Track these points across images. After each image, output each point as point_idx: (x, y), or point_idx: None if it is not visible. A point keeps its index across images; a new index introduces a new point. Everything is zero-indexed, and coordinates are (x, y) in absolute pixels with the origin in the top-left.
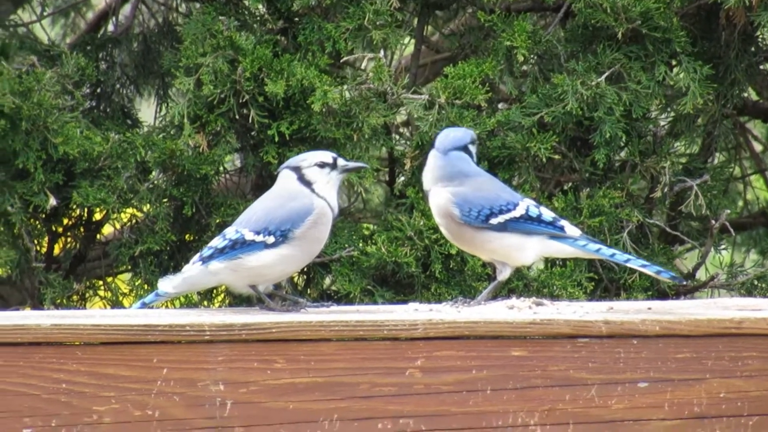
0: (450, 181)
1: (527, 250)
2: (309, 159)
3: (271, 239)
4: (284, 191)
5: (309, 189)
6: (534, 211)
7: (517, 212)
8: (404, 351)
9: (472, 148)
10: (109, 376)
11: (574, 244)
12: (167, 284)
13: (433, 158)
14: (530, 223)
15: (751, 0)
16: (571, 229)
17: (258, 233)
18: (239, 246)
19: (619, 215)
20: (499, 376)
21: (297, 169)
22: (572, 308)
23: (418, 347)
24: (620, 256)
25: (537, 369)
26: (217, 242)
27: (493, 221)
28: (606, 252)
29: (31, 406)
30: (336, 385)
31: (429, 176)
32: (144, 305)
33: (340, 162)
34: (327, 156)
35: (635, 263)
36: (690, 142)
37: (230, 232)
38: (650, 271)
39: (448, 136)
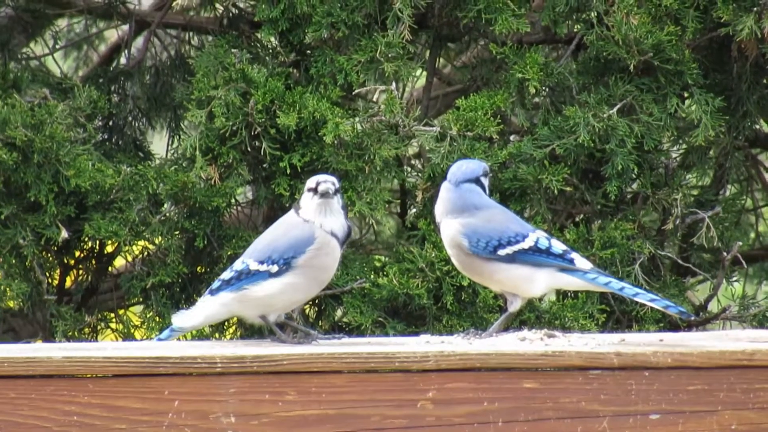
0: (461, 213)
1: (536, 282)
2: (309, 181)
3: (274, 268)
4: (289, 218)
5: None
6: (543, 243)
7: (526, 244)
8: (416, 383)
9: (484, 180)
10: (120, 408)
11: (583, 277)
12: (181, 319)
13: (445, 191)
14: (539, 255)
15: (763, 32)
16: (582, 262)
17: (262, 263)
18: (244, 276)
19: (630, 247)
20: (510, 408)
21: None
22: (584, 340)
23: (429, 379)
24: (629, 290)
25: (548, 401)
26: (225, 274)
27: (501, 252)
28: (615, 286)
29: None
30: (347, 417)
31: (440, 208)
32: (159, 340)
33: (321, 188)
34: (312, 181)
35: (644, 297)
36: (702, 174)
37: (237, 264)
38: (659, 305)
39: (460, 168)
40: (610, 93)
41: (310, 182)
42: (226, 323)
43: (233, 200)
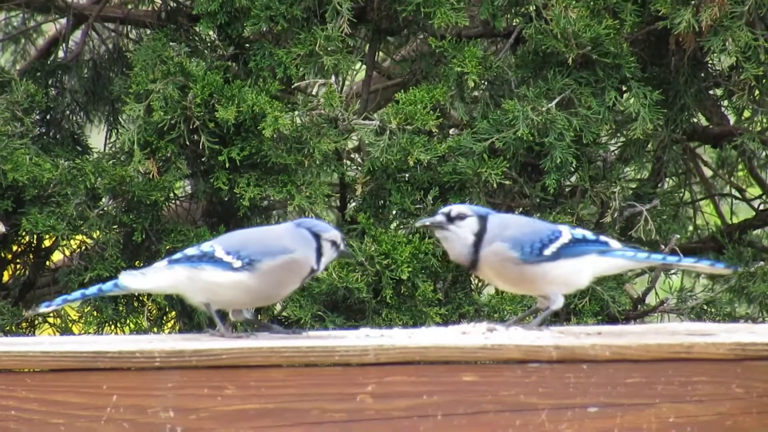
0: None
1: (583, 272)
2: (331, 233)
3: (237, 263)
4: (292, 231)
5: (317, 256)
6: (578, 233)
7: (565, 238)
8: (355, 376)
9: None
10: (58, 402)
11: (623, 256)
12: (129, 279)
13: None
14: (580, 245)
15: (700, 25)
16: (615, 243)
17: (229, 254)
18: (206, 259)
19: None
20: (450, 401)
21: (317, 237)
22: (523, 333)
23: (369, 373)
24: (671, 258)
25: (488, 394)
26: (189, 250)
27: (547, 252)
28: (657, 257)
29: None
30: (286, 411)
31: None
32: (101, 291)
33: (342, 245)
34: (338, 236)
35: (688, 261)
36: (640, 167)
37: (205, 246)
38: (704, 264)
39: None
40: (548, 86)
41: (336, 236)
42: (165, 317)
43: (172, 194)
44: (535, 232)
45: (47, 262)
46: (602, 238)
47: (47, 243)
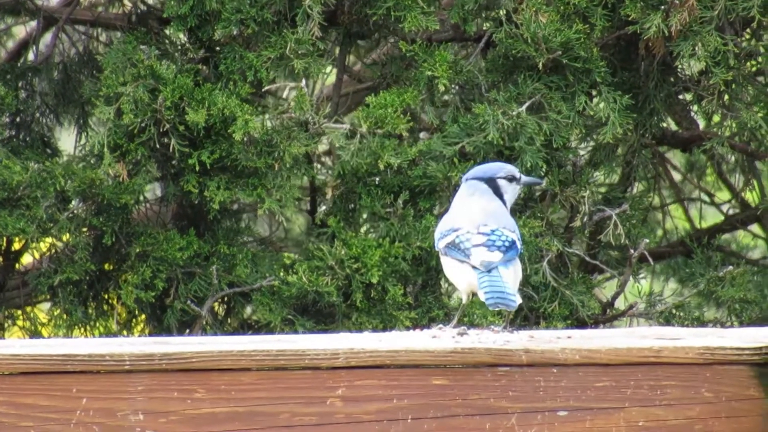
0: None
1: (460, 277)
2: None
3: None
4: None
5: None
6: (461, 238)
7: (449, 238)
8: (325, 380)
9: (502, 183)
10: (28, 406)
11: (480, 274)
12: None
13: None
14: (456, 251)
15: (670, 30)
16: (476, 259)
17: None
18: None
19: (539, 244)
20: (419, 405)
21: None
22: (493, 337)
23: (339, 376)
24: (483, 286)
25: (458, 398)
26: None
27: (439, 245)
28: (483, 290)
29: None
30: (256, 414)
31: None
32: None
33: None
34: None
35: (482, 290)
36: (609, 171)
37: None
38: (489, 302)
39: (480, 167)
40: (519, 91)
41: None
42: (134, 320)
43: (142, 197)
44: (445, 223)
45: (17, 265)
46: (471, 250)
47: (17, 246)
